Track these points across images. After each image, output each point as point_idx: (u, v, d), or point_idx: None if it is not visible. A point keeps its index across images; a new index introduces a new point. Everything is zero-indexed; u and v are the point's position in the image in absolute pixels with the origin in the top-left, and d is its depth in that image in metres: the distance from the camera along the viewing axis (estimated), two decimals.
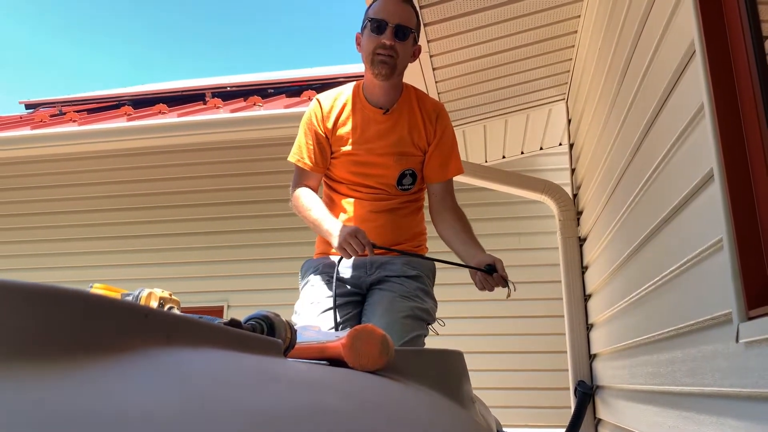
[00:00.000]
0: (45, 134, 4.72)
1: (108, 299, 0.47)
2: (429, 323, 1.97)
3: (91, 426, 0.36)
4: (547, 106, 3.97)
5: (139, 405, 0.39)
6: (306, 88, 5.86)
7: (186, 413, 0.41)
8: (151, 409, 0.40)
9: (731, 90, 1.25)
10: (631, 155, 2.09)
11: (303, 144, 2.01)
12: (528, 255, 4.42)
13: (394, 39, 1.86)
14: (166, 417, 0.39)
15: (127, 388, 0.41)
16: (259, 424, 0.44)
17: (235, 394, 0.49)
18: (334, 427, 0.52)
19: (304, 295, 2.00)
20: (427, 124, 1.97)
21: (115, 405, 0.39)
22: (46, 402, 0.38)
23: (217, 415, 0.43)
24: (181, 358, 0.51)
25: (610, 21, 2.38)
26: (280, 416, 0.48)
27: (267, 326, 0.83)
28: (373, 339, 0.87)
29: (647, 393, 2.03)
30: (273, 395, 0.51)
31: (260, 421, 0.45)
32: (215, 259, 4.78)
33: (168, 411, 0.40)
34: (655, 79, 1.76)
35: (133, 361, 0.45)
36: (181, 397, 0.43)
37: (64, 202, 5.04)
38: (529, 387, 4.26)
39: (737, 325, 1.16)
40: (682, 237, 1.57)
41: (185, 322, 0.54)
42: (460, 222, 2.02)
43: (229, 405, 0.46)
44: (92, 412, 0.37)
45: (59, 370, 0.40)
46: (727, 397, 1.28)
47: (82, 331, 0.43)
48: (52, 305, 0.43)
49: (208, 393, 0.46)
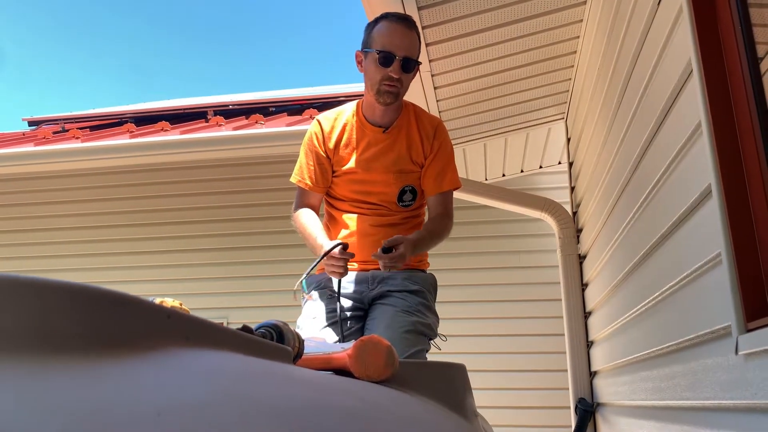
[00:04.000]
0: (47, 151, 4.76)
1: (135, 298, 0.49)
2: (431, 338, 1.98)
3: (118, 417, 0.38)
4: (546, 125, 4.01)
5: (164, 398, 0.42)
6: (307, 106, 5.91)
7: (208, 406, 0.43)
8: (174, 402, 0.42)
9: (728, 108, 1.28)
10: (631, 172, 2.12)
11: (304, 164, 2.06)
12: (528, 273, 4.44)
13: (401, 72, 1.90)
14: (189, 409, 0.42)
15: (151, 382, 0.43)
16: (277, 416, 0.47)
17: (252, 390, 0.51)
18: (349, 423, 0.54)
19: (306, 310, 2.02)
20: (424, 141, 2.02)
21: (142, 398, 0.41)
22: (78, 394, 0.40)
23: (238, 408, 0.45)
24: (200, 358, 0.53)
25: (609, 41, 2.42)
26: (297, 411, 0.50)
27: (276, 334, 0.85)
28: (379, 350, 0.88)
29: (648, 409, 2.04)
30: (288, 393, 0.53)
31: (279, 414, 0.47)
32: (215, 276, 4.79)
33: (191, 404, 0.43)
34: (654, 97, 1.79)
35: (156, 358, 0.47)
36: (202, 392, 0.46)
37: (65, 218, 5.05)
38: (529, 406, 4.25)
39: (736, 338, 1.18)
40: (681, 252, 1.60)
41: (203, 325, 0.57)
42: (432, 223, 2.02)
43: (248, 400, 0.48)
44: (121, 404, 0.39)
45: (88, 364, 0.43)
46: (727, 409, 1.29)
47: (110, 327, 0.46)
48: (83, 302, 0.45)
49: (228, 389, 0.48)
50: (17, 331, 0.41)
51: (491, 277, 4.47)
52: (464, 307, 4.38)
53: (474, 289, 4.44)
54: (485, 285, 4.46)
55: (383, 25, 1.93)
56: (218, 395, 0.46)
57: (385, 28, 1.92)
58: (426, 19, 2.66)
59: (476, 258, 4.50)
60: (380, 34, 1.92)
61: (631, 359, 2.25)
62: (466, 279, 4.43)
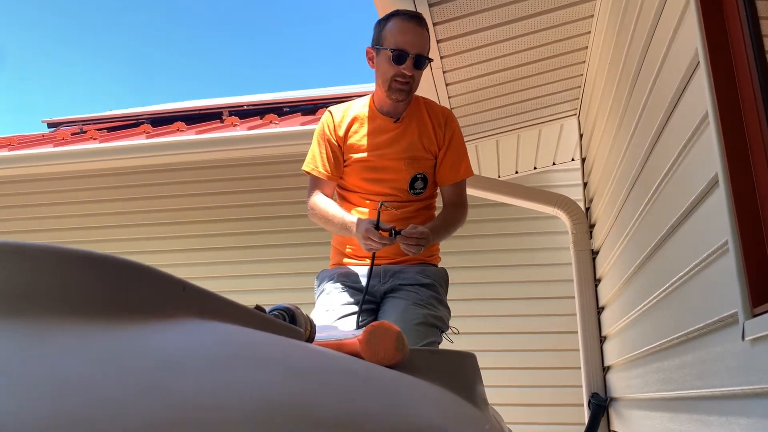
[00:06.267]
0: (67, 151, 4.84)
1: (153, 268, 0.52)
2: (442, 330, 2.00)
3: (137, 374, 0.41)
4: (559, 121, 4.02)
5: (177, 356, 0.45)
6: (321, 106, 5.95)
7: (222, 368, 0.46)
8: (187, 358, 0.45)
9: (734, 97, 1.30)
10: (641, 165, 2.13)
11: (317, 153, 2.08)
12: (541, 271, 4.44)
13: (413, 69, 1.93)
14: (202, 364, 0.45)
15: (165, 343, 0.47)
16: (290, 375, 0.50)
17: (264, 353, 0.54)
18: (359, 385, 0.57)
19: (320, 303, 2.05)
20: (436, 129, 2.04)
21: (155, 354, 0.44)
22: (102, 354, 0.44)
23: (251, 366, 0.48)
24: (213, 328, 0.56)
25: (619, 35, 2.43)
26: (308, 371, 0.52)
27: (289, 317, 0.88)
28: (389, 335, 0.91)
29: (660, 400, 2.05)
30: (300, 357, 0.56)
31: (291, 373, 0.50)
32: (229, 274, 4.84)
33: (203, 360, 0.46)
34: (663, 89, 1.80)
35: (171, 325, 0.50)
36: (215, 352, 0.49)
37: (83, 218, 5.13)
38: (543, 403, 4.25)
39: (743, 324, 1.19)
40: (689, 242, 1.61)
41: (217, 299, 0.60)
42: (447, 212, 2.04)
43: (260, 360, 0.51)
44: (136, 358, 0.43)
45: (106, 326, 0.46)
46: (735, 396, 1.30)
47: (128, 294, 0.49)
48: (103, 270, 0.49)
49: (240, 352, 0.51)
50: (43, 294, 0.45)
51: (504, 275, 4.48)
52: (476, 305, 4.40)
53: (486, 287, 4.46)
54: (498, 283, 4.47)
55: (394, 22, 1.95)
56: (230, 356, 0.49)
57: (397, 25, 1.94)
58: (437, 15, 2.69)
59: (489, 256, 4.51)
60: (392, 31, 1.94)
61: (643, 352, 2.26)
62: (478, 277, 4.44)
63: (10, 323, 0.44)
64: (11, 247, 0.48)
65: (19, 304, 0.45)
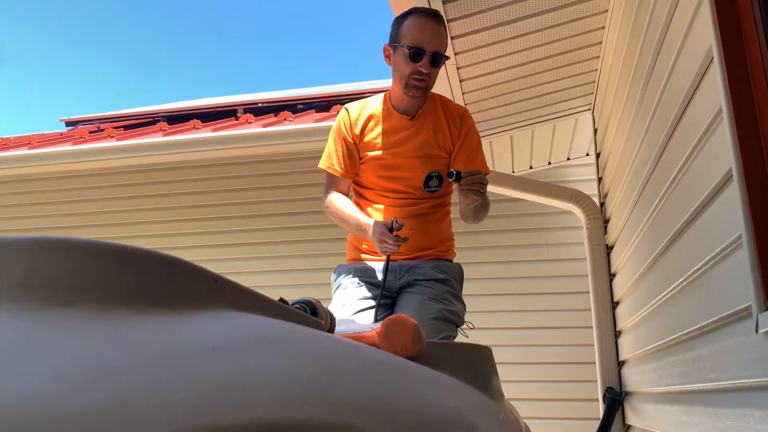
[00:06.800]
0: (85, 150, 4.91)
1: (188, 262, 0.56)
2: (458, 325, 2.03)
3: (179, 360, 0.45)
4: (573, 116, 4.01)
5: (214, 341, 0.48)
6: (334, 103, 5.98)
7: (254, 353, 0.50)
8: (224, 342, 0.48)
9: (748, 92, 1.31)
10: (656, 160, 2.14)
11: (333, 151, 2.11)
12: (556, 266, 4.45)
13: (430, 67, 1.95)
14: (237, 348, 0.48)
15: (201, 331, 0.50)
16: (319, 362, 0.53)
17: (293, 340, 0.57)
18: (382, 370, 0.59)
19: (337, 298, 2.08)
20: (451, 127, 2.06)
21: (196, 340, 0.47)
22: (144, 341, 0.47)
23: (282, 351, 0.51)
24: (244, 318, 0.59)
25: (633, 30, 2.44)
26: (335, 354, 0.55)
27: (310, 309, 0.92)
28: (406, 328, 0.94)
29: (674, 394, 2.06)
30: (327, 343, 0.59)
31: (320, 360, 0.53)
32: (243, 270, 4.89)
33: (238, 345, 0.49)
34: (677, 85, 1.81)
35: (204, 315, 0.54)
36: (248, 337, 0.52)
37: (101, 215, 5.20)
38: (557, 398, 4.27)
39: (756, 316, 1.21)
40: (703, 236, 1.62)
41: (246, 292, 0.63)
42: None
43: (292, 349, 0.54)
44: (178, 343, 0.46)
45: (151, 317, 0.49)
46: (749, 389, 1.32)
47: (164, 286, 0.52)
48: (142, 263, 0.52)
49: (270, 338, 0.55)
50: (88, 286, 0.48)
51: (518, 270, 4.49)
52: (491, 300, 4.41)
53: (501, 282, 4.47)
54: (512, 278, 4.49)
55: (412, 20, 1.97)
56: (260, 343, 0.52)
57: (415, 23, 1.95)
58: (451, 12, 2.70)
59: (503, 251, 4.53)
60: (410, 29, 1.95)
61: (657, 346, 2.27)
62: (493, 272, 4.46)
63: (59, 313, 0.47)
64: (60, 242, 0.51)
65: (66, 295, 0.49)
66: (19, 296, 0.49)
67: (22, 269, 0.50)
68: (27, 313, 0.48)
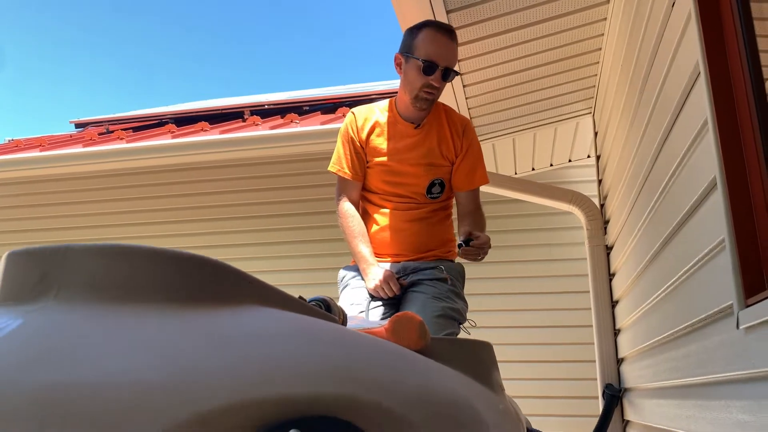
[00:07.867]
0: (95, 152, 5.00)
1: (227, 265, 0.66)
2: (460, 322, 2.11)
3: (220, 349, 0.55)
4: (574, 119, 4.10)
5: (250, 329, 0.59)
6: (340, 104, 6.07)
7: (282, 335, 0.60)
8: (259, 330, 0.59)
9: (731, 106, 1.40)
10: (650, 165, 2.23)
11: (341, 154, 2.18)
12: (557, 266, 4.53)
13: (441, 81, 2.02)
14: (271, 343, 0.58)
15: (240, 322, 0.60)
16: (341, 348, 0.63)
17: (319, 333, 0.67)
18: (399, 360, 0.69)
19: (344, 297, 2.16)
20: (455, 137, 2.13)
21: (237, 336, 0.58)
22: (191, 332, 0.58)
23: (308, 343, 0.61)
24: (273, 313, 0.69)
25: (630, 39, 2.53)
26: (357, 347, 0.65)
27: (325, 306, 1.01)
28: (413, 324, 1.03)
29: (669, 388, 2.15)
30: (347, 337, 0.69)
31: (342, 347, 0.63)
32: (251, 270, 4.98)
33: (271, 332, 0.59)
34: (669, 95, 1.91)
35: (242, 311, 0.64)
36: (279, 326, 0.62)
37: (110, 215, 5.29)
38: (558, 396, 4.35)
39: (737, 313, 1.30)
40: (691, 240, 1.72)
41: (273, 291, 0.73)
42: (474, 217, 2.17)
43: (317, 338, 0.64)
44: (224, 330, 0.56)
45: (194, 312, 0.60)
46: (732, 381, 1.41)
47: (210, 285, 0.63)
48: (189, 266, 0.62)
49: (297, 328, 0.65)
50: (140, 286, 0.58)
51: (519, 270, 4.57)
52: (493, 299, 4.50)
53: (502, 282, 4.55)
54: (513, 277, 4.57)
55: (427, 33, 2.00)
56: (290, 330, 0.62)
57: (429, 36, 1.99)
58: (454, 21, 2.79)
59: (505, 251, 4.60)
60: (424, 42, 1.99)
61: (653, 343, 2.36)
62: (495, 272, 4.53)
63: (115, 310, 0.58)
64: (114, 247, 0.62)
65: (119, 294, 0.59)
66: (92, 295, 0.59)
67: (93, 272, 0.61)
68: (98, 309, 0.58)
